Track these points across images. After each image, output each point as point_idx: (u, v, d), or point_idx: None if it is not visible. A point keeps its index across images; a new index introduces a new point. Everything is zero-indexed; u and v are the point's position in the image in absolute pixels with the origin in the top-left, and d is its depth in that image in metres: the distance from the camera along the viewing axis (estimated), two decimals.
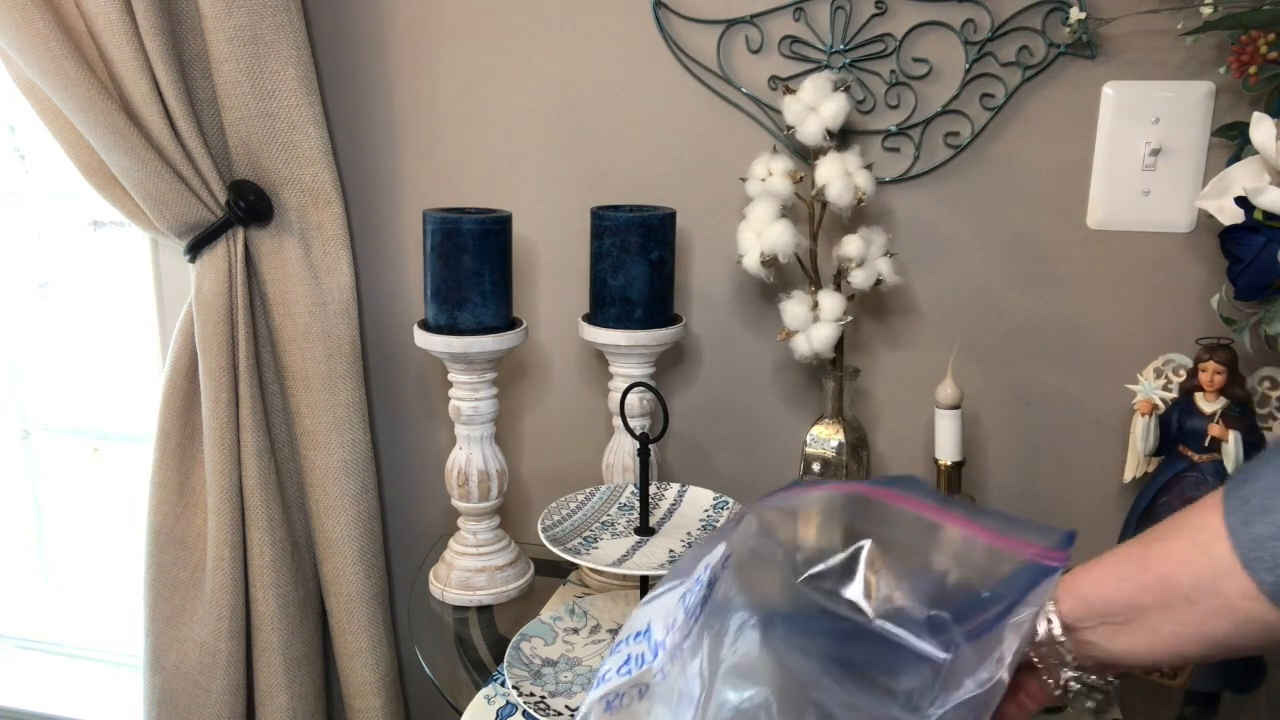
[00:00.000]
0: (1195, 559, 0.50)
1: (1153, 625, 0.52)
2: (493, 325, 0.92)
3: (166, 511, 1.10)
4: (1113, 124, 0.89)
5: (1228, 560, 0.48)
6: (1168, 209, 0.90)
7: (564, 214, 1.05)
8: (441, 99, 1.06)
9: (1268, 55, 0.78)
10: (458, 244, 0.89)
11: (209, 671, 1.09)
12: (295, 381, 1.07)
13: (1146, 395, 0.83)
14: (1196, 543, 0.50)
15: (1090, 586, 0.54)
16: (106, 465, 1.44)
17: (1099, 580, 0.54)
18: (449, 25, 1.04)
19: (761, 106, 0.97)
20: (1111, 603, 0.53)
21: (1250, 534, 0.47)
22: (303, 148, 1.02)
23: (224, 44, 0.95)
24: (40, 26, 0.90)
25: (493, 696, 0.79)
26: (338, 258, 1.07)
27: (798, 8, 0.93)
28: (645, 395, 0.95)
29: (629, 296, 0.91)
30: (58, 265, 1.38)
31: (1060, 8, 0.87)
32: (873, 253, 0.89)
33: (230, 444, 1.04)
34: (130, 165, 0.96)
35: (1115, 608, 0.53)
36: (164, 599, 1.12)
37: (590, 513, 0.83)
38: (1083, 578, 0.55)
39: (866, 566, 0.47)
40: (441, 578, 0.99)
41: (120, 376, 1.38)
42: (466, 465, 0.96)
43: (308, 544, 1.13)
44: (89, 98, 0.92)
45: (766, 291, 1.00)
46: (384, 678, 1.14)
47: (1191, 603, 0.50)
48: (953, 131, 0.93)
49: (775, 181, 0.88)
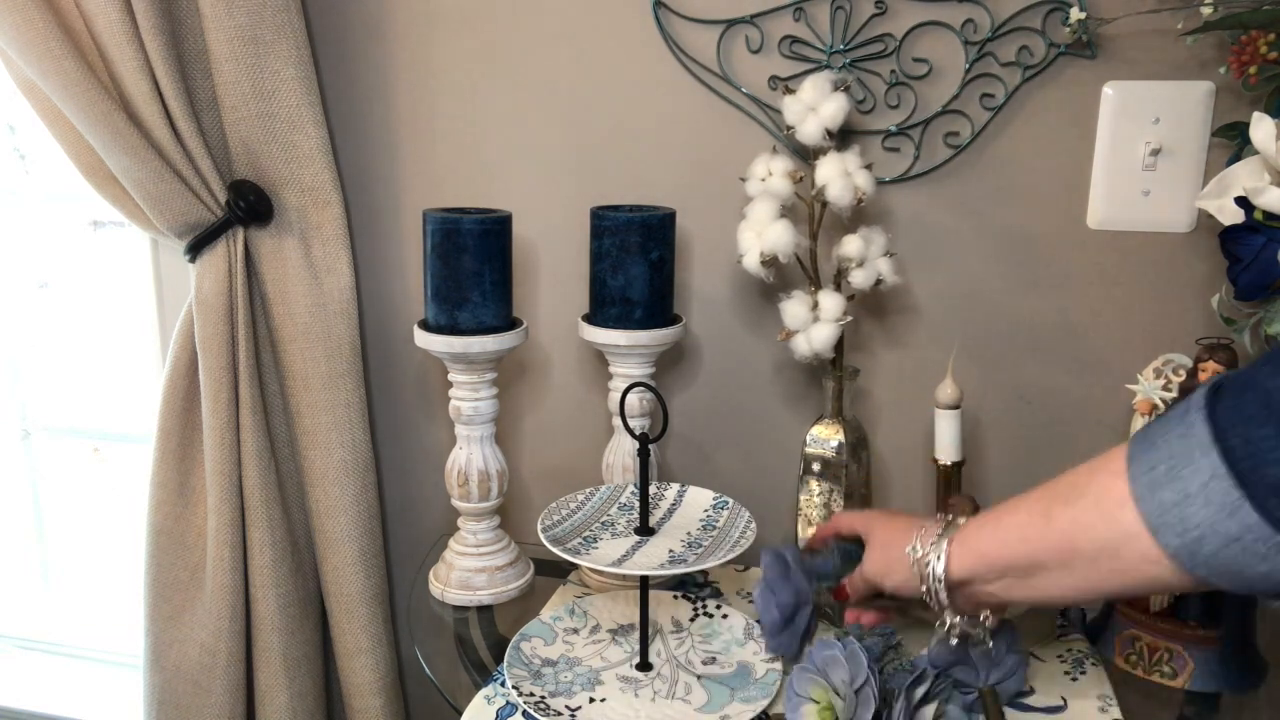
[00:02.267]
0: (1100, 524, 0.52)
1: (1052, 581, 0.56)
2: (493, 325, 0.92)
3: (166, 511, 1.10)
4: (1113, 124, 0.89)
5: (1134, 526, 0.50)
6: (1168, 209, 0.90)
7: (564, 214, 1.05)
8: (441, 99, 1.06)
9: (1268, 55, 0.78)
10: (458, 244, 0.89)
11: (209, 671, 1.09)
12: (295, 381, 1.07)
13: (1146, 395, 0.83)
14: (1102, 509, 0.52)
15: (990, 544, 0.59)
16: (106, 465, 1.44)
17: (1000, 539, 0.59)
18: (449, 25, 1.04)
19: (761, 106, 0.97)
20: (1013, 560, 0.57)
21: (1157, 501, 0.49)
22: (302, 148, 1.02)
23: (224, 44, 0.95)
24: (40, 26, 0.90)
25: (493, 696, 0.79)
26: (338, 258, 1.07)
27: (798, 8, 0.93)
28: (645, 395, 0.95)
29: (629, 296, 0.91)
30: (58, 265, 1.38)
31: (1060, 8, 0.87)
32: (873, 253, 0.89)
33: (230, 444, 1.04)
34: (130, 165, 0.96)
35: (1016, 564, 0.57)
36: (164, 599, 1.11)
37: (590, 513, 0.83)
38: (983, 535, 0.60)
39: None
40: (441, 578, 0.99)
41: (120, 376, 1.38)
42: (466, 465, 0.96)
43: (308, 544, 1.13)
44: (89, 98, 0.92)
45: (766, 291, 0.99)
46: (384, 678, 1.14)
47: (1094, 563, 0.53)
48: (953, 131, 0.93)
49: (775, 181, 0.88)
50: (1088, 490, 0.53)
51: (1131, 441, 0.52)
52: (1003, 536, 0.58)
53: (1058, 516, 0.54)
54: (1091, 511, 0.52)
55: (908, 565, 0.65)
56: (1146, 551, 0.50)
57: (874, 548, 0.72)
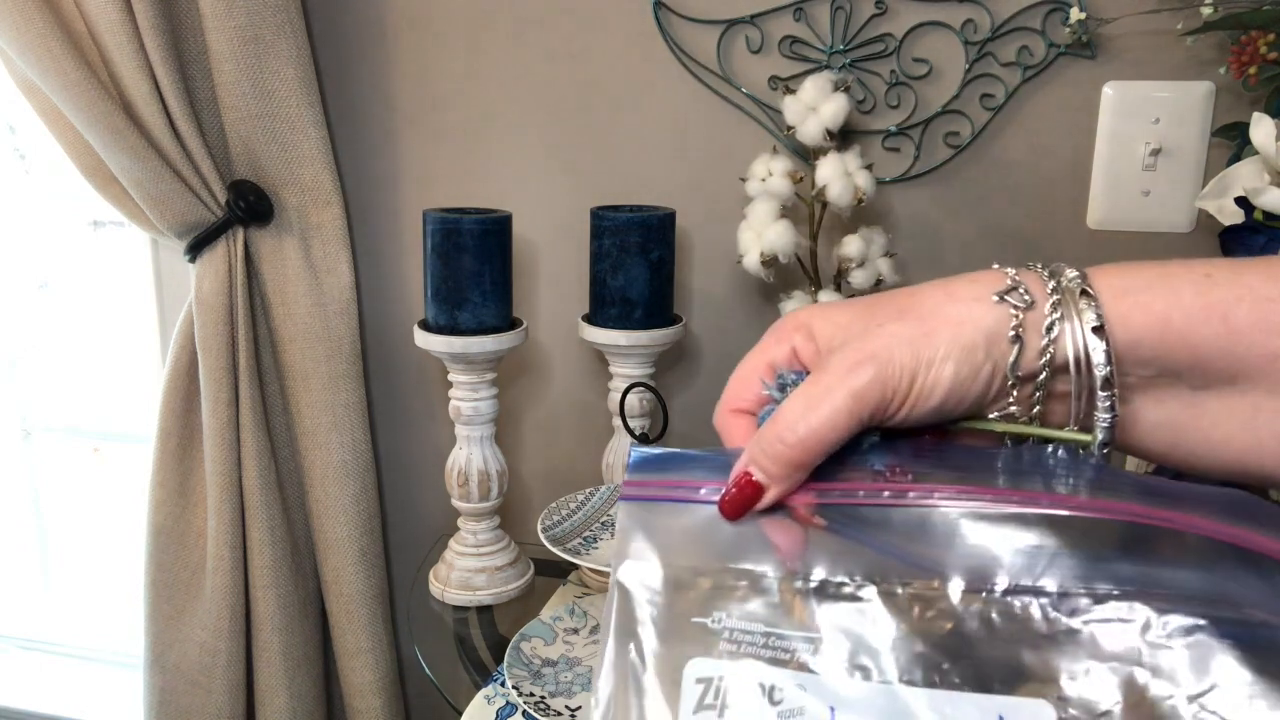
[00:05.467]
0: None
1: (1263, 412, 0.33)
2: (493, 325, 0.92)
3: (166, 511, 1.10)
4: (1113, 124, 0.89)
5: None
6: (1168, 209, 0.90)
7: (564, 214, 1.05)
8: (441, 99, 1.06)
9: (1268, 55, 0.78)
10: (458, 244, 0.89)
11: (209, 671, 1.09)
12: (295, 381, 1.07)
13: None
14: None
15: (1189, 311, 0.33)
16: (106, 465, 1.44)
17: (1213, 308, 0.32)
18: (449, 25, 1.04)
19: (761, 106, 0.97)
20: (1235, 349, 0.32)
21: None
22: (303, 148, 1.02)
23: (224, 44, 0.95)
24: (40, 26, 0.90)
25: (493, 696, 0.79)
26: (338, 258, 1.07)
27: (798, 8, 0.93)
28: (645, 395, 0.95)
29: (629, 296, 0.91)
30: (58, 265, 1.38)
31: (1060, 8, 0.87)
32: (873, 253, 0.89)
33: (230, 444, 1.04)
34: (130, 165, 0.96)
35: (1234, 357, 0.32)
36: (164, 599, 1.11)
37: (590, 513, 0.83)
38: (1160, 295, 0.33)
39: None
40: (441, 578, 0.99)
41: (120, 376, 1.38)
42: (466, 465, 0.96)
43: (308, 544, 1.13)
44: (89, 98, 0.92)
45: (766, 291, 0.99)
46: (384, 678, 1.14)
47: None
48: (953, 131, 0.93)
49: (775, 181, 0.88)
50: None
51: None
52: (1218, 310, 0.32)
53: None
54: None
55: (995, 330, 0.33)
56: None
57: (869, 340, 0.34)
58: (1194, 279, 0.32)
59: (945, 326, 0.33)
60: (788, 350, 0.38)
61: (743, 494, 0.34)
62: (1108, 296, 0.33)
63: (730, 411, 0.39)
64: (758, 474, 0.34)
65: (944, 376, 0.33)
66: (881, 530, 0.33)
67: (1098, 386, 0.33)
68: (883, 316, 0.34)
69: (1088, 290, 0.33)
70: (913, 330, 0.33)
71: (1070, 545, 0.31)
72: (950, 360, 0.33)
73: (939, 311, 0.34)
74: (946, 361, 0.33)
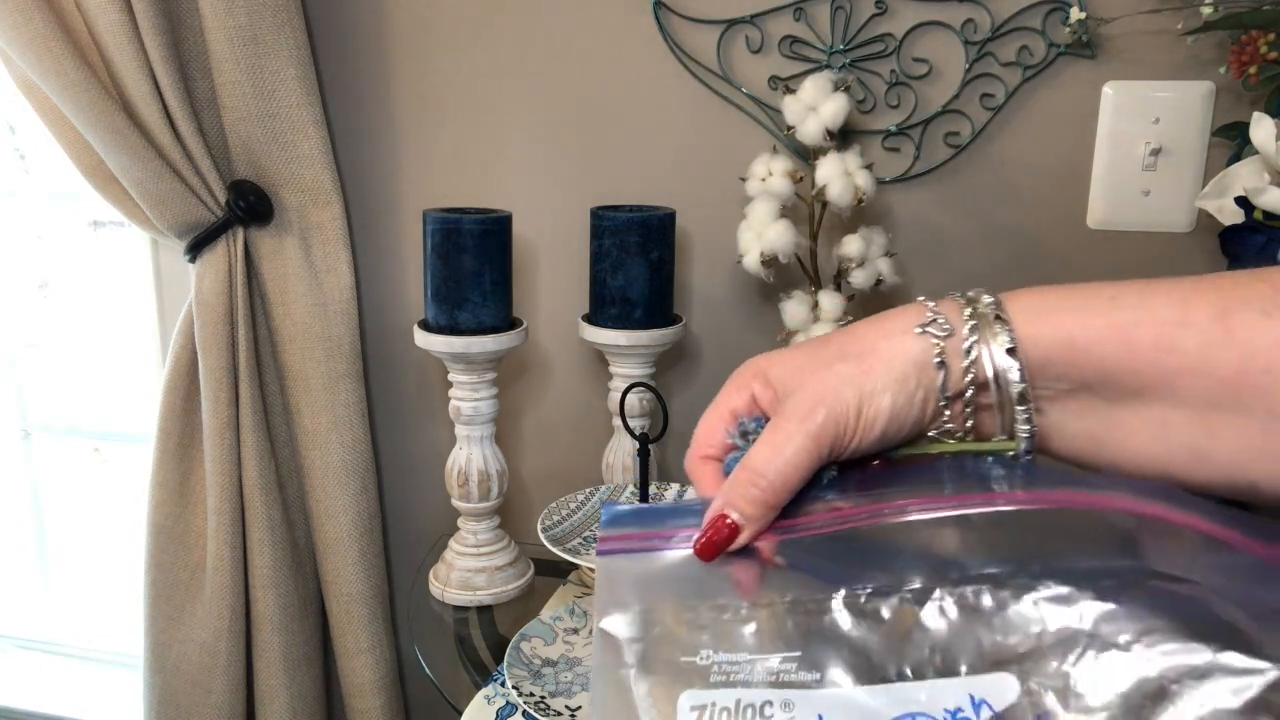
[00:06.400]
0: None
1: (1174, 424, 0.36)
2: (493, 325, 0.92)
3: (166, 511, 1.10)
4: (1113, 124, 0.89)
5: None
6: (1168, 209, 0.90)
7: (564, 214, 1.05)
8: (441, 99, 1.06)
9: (1268, 55, 0.78)
10: (458, 244, 0.89)
11: (209, 671, 1.09)
12: (295, 381, 1.07)
13: None
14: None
15: (1093, 329, 0.36)
16: (106, 465, 1.44)
17: (1113, 330, 0.36)
18: (449, 25, 1.04)
19: (761, 106, 0.97)
20: (1129, 366, 0.35)
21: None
22: (302, 148, 1.02)
23: (224, 44, 0.95)
24: (40, 26, 0.90)
25: (493, 696, 0.79)
26: (338, 258, 1.07)
27: (798, 8, 0.93)
28: (645, 395, 0.95)
29: (629, 296, 0.91)
30: (58, 265, 1.38)
31: (1060, 8, 0.87)
32: (873, 253, 0.89)
33: (230, 444, 1.04)
34: (130, 165, 0.96)
35: (1130, 372, 0.35)
36: (164, 599, 1.11)
37: (590, 513, 0.83)
38: (1068, 313, 0.37)
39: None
40: (441, 578, 0.99)
41: (120, 376, 1.38)
42: (466, 465, 0.96)
43: (308, 544, 1.13)
44: (89, 98, 0.92)
45: (766, 291, 0.99)
46: (384, 678, 1.14)
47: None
48: (953, 131, 0.93)
49: (775, 181, 0.88)
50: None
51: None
52: (1121, 331, 0.35)
53: (1241, 328, 0.34)
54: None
55: (921, 360, 0.37)
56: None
57: (817, 384, 0.38)
58: (1100, 301, 0.36)
59: (879, 362, 0.37)
60: (747, 397, 0.41)
61: (719, 535, 0.37)
62: (1020, 320, 0.37)
63: (700, 458, 0.42)
64: (734, 515, 0.37)
65: (884, 407, 0.37)
66: (843, 547, 0.37)
67: (1014, 401, 0.37)
68: (829, 357, 0.39)
69: (1001, 315, 0.37)
70: (853, 369, 0.37)
71: (1010, 534, 0.35)
72: (887, 392, 0.37)
73: (875, 349, 0.38)
74: (884, 393, 0.37)
